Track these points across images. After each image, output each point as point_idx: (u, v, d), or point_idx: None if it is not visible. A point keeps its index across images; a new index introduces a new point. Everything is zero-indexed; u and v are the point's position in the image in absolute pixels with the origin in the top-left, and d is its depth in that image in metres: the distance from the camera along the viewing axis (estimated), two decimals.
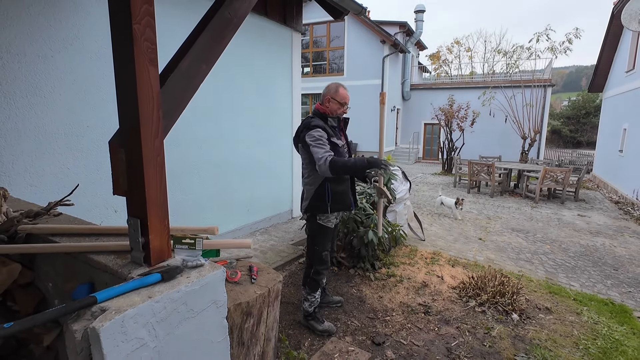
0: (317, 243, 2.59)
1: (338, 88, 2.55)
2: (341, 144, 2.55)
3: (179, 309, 1.06)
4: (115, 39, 1.13)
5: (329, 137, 2.43)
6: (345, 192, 2.59)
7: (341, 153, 2.53)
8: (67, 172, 2.79)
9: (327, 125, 2.50)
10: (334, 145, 2.47)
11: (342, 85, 2.60)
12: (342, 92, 2.56)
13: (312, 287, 2.62)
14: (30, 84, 2.53)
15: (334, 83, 2.59)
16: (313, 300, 2.65)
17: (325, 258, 2.61)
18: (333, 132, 2.51)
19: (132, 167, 1.17)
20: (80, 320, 0.92)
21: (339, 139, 2.56)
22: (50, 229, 1.55)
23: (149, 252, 1.19)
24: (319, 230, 2.57)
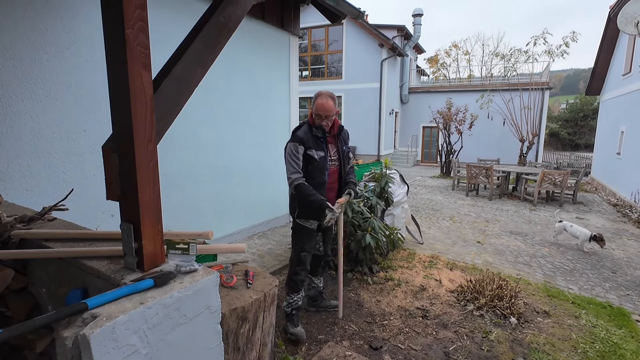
0: (296, 242, 2.62)
1: (316, 98, 2.46)
2: (319, 156, 2.46)
3: (172, 315, 1.05)
4: (108, 44, 1.13)
5: (306, 150, 2.42)
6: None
7: (316, 167, 2.46)
8: (62, 176, 2.78)
9: (311, 135, 2.46)
10: (309, 159, 2.43)
11: (324, 94, 2.46)
12: (318, 103, 2.44)
13: (290, 288, 2.63)
14: (26, 88, 2.53)
15: (319, 92, 2.49)
16: (291, 301, 2.62)
17: (303, 259, 2.59)
18: (315, 143, 2.45)
19: (125, 172, 1.16)
20: (71, 327, 0.91)
21: (321, 150, 2.47)
22: (44, 234, 1.54)
23: (142, 257, 1.18)
24: (298, 229, 2.60)
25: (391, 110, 16.07)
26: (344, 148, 2.65)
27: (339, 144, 2.62)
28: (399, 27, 15.98)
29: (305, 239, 2.60)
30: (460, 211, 7.18)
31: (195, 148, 3.96)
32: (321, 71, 16.54)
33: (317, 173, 2.48)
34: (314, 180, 2.47)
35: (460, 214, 6.96)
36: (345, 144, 2.70)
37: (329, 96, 2.45)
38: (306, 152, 2.43)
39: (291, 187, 2.44)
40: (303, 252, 2.59)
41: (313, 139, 2.46)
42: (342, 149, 2.64)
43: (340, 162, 2.63)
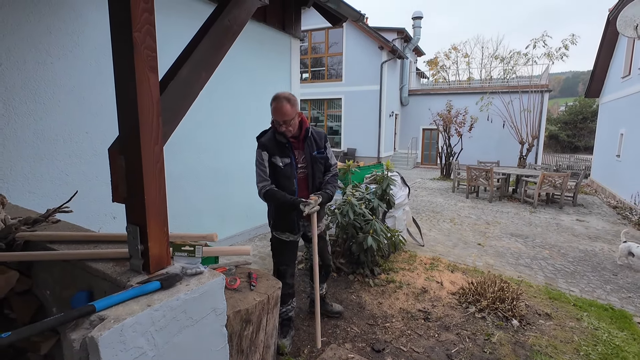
0: (274, 255, 2.55)
1: (271, 104, 2.22)
2: (284, 163, 2.30)
3: (178, 317, 1.05)
4: (116, 47, 1.13)
5: (271, 157, 2.30)
6: (285, 216, 2.40)
7: (281, 175, 2.32)
8: (65, 178, 2.78)
9: (275, 141, 2.31)
10: (273, 167, 2.31)
11: (279, 97, 2.20)
12: (272, 108, 2.21)
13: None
14: (30, 91, 2.54)
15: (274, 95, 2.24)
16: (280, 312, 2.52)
17: (283, 272, 2.48)
18: (279, 150, 2.30)
19: (132, 174, 1.17)
20: (78, 329, 0.91)
21: (285, 156, 2.31)
22: (48, 236, 1.54)
23: (148, 259, 1.18)
24: (274, 242, 2.53)
25: (391, 112, 16.11)
26: (314, 153, 2.40)
27: (306, 149, 2.38)
28: (398, 29, 16.04)
29: (283, 252, 2.50)
30: (460, 213, 7.19)
31: (197, 150, 3.97)
32: (321, 73, 16.59)
33: (284, 182, 2.33)
34: (283, 189, 2.35)
35: (460, 216, 6.97)
36: (318, 148, 2.43)
37: (284, 99, 2.18)
38: (270, 159, 2.30)
39: (260, 195, 2.33)
40: (282, 265, 2.50)
41: (277, 145, 2.30)
42: (312, 154, 2.39)
43: (309, 170, 2.40)
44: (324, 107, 16.69)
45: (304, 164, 2.40)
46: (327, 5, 4.43)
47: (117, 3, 1.10)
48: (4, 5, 2.37)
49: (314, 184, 2.43)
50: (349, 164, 4.16)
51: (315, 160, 2.41)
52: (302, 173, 2.41)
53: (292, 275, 2.58)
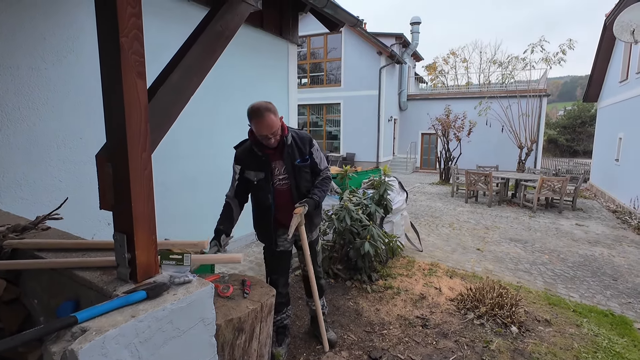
0: (266, 264, 2.50)
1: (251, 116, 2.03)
2: (257, 178, 2.19)
3: (164, 328, 1.03)
4: (102, 52, 1.12)
5: (243, 170, 2.21)
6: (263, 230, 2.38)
7: (257, 188, 2.22)
8: (58, 184, 2.76)
9: (251, 153, 2.19)
10: (246, 181, 2.22)
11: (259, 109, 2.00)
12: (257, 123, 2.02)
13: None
14: (23, 97, 2.52)
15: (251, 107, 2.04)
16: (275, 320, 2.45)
17: (274, 281, 2.42)
18: (254, 163, 2.19)
19: (119, 181, 1.15)
20: (59, 342, 0.89)
21: (260, 170, 2.19)
22: (37, 244, 1.52)
23: (135, 268, 1.16)
24: (264, 251, 2.48)
25: (390, 117, 16.14)
26: (297, 162, 2.24)
27: (286, 159, 2.21)
28: (397, 35, 16.13)
29: (273, 262, 2.45)
30: (459, 218, 7.16)
31: (193, 156, 3.95)
32: (320, 79, 16.64)
33: (260, 196, 2.25)
34: (259, 204, 2.30)
35: (459, 220, 6.94)
36: (302, 156, 2.26)
37: (266, 110, 2.00)
38: (243, 173, 2.22)
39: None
40: (273, 274, 2.45)
41: (253, 159, 2.18)
42: (295, 163, 2.23)
43: (292, 181, 2.25)
44: (323, 112, 16.73)
45: (285, 175, 2.24)
46: (324, 11, 4.44)
47: (103, 7, 1.08)
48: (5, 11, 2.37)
49: (299, 194, 2.28)
50: (346, 169, 4.14)
51: (298, 170, 2.25)
52: (285, 185, 2.26)
53: (285, 284, 2.51)
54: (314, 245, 2.56)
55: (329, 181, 2.45)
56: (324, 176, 2.40)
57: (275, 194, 2.25)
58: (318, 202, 2.29)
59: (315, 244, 2.57)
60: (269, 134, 2.04)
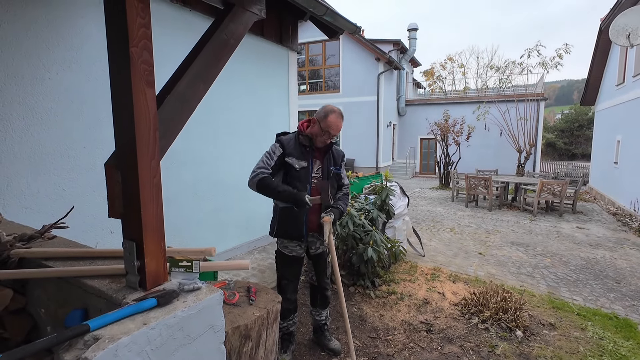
0: (277, 268, 2.50)
1: (328, 114, 2.24)
2: (300, 166, 2.27)
3: (175, 335, 1.03)
4: (112, 62, 1.13)
5: (286, 156, 2.25)
6: (296, 221, 2.31)
7: (296, 178, 2.26)
8: (62, 193, 2.76)
9: (297, 143, 2.29)
10: (288, 167, 2.26)
11: (338, 112, 2.26)
12: (331, 121, 2.22)
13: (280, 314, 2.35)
14: (27, 106, 2.54)
15: (329, 108, 2.27)
16: (280, 327, 2.42)
17: (284, 287, 2.43)
18: (298, 152, 2.28)
19: (128, 189, 1.15)
20: (72, 350, 0.89)
21: (303, 160, 2.28)
22: (43, 253, 1.52)
23: (145, 275, 1.16)
24: (278, 255, 2.48)
25: (389, 122, 16.20)
26: (331, 168, 2.40)
27: (325, 162, 2.38)
28: (394, 41, 16.25)
29: (286, 267, 2.45)
30: (460, 222, 7.16)
31: (195, 163, 3.96)
32: (319, 85, 16.73)
33: (298, 185, 2.26)
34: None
35: (460, 225, 6.94)
36: (336, 165, 2.44)
37: (341, 116, 2.28)
38: (286, 158, 2.25)
39: (252, 181, 2.18)
40: (284, 279, 2.45)
41: (297, 147, 2.28)
42: (329, 168, 2.39)
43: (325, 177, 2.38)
44: None
45: (317, 174, 2.36)
46: (324, 19, 4.48)
47: (113, 18, 1.10)
48: (3, 21, 2.39)
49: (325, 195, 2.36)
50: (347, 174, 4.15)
51: (330, 174, 2.40)
52: (316, 182, 2.35)
53: (294, 290, 2.51)
54: (324, 257, 2.57)
55: (349, 197, 2.60)
56: (345, 191, 2.55)
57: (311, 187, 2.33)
58: (342, 213, 2.42)
59: (325, 255, 2.57)
60: (334, 133, 2.27)
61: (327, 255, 2.57)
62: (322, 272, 2.57)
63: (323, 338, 2.70)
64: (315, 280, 2.63)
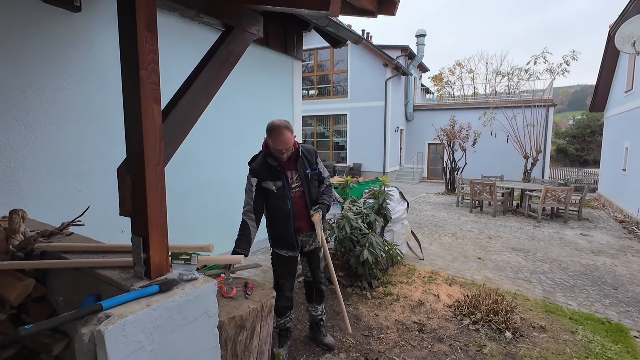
0: (273, 269, 2.68)
1: (270, 135, 2.29)
2: (277, 187, 2.40)
3: (174, 317, 1.20)
4: (125, 82, 1.32)
5: (261, 181, 2.41)
6: (283, 235, 2.53)
7: (276, 198, 2.42)
8: (78, 194, 2.98)
9: (266, 165, 2.41)
10: (266, 191, 2.42)
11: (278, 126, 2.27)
12: (276, 139, 2.27)
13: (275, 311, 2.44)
14: (48, 114, 2.77)
15: (269, 126, 2.31)
16: (277, 323, 2.64)
17: (281, 286, 2.59)
18: (270, 174, 2.41)
19: (137, 192, 1.33)
20: (87, 325, 1.06)
21: (277, 180, 2.41)
22: (63, 247, 1.71)
23: (150, 267, 1.33)
24: (274, 257, 2.66)
25: (396, 127, 16.30)
26: (307, 171, 2.51)
27: (299, 168, 2.48)
28: (402, 47, 16.40)
29: (282, 266, 2.63)
30: (463, 227, 7.23)
31: (200, 167, 4.16)
32: (327, 90, 16.96)
33: (279, 203, 2.43)
34: (278, 211, 2.46)
35: (462, 230, 7.01)
36: (310, 165, 2.53)
37: (285, 128, 2.27)
38: (261, 184, 2.41)
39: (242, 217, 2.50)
40: (281, 278, 2.62)
41: (268, 170, 2.40)
42: (305, 172, 2.50)
43: (305, 188, 2.50)
44: (330, 123, 16.99)
45: (298, 183, 2.49)
46: (327, 30, 4.67)
47: (126, 45, 1.29)
48: (28, 36, 2.63)
49: (310, 199, 2.55)
50: (347, 179, 4.30)
51: (310, 178, 2.53)
52: (298, 191, 2.50)
53: (291, 288, 2.69)
54: (317, 252, 2.73)
55: (331, 188, 2.73)
56: (327, 184, 2.68)
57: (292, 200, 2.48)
58: (328, 206, 2.60)
59: (318, 251, 2.73)
60: (284, 149, 2.31)
61: (320, 251, 2.73)
62: (315, 267, 2.73)
63: (318, 334, 2.84)
64: (309, 276, 2.78)
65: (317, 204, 2.56)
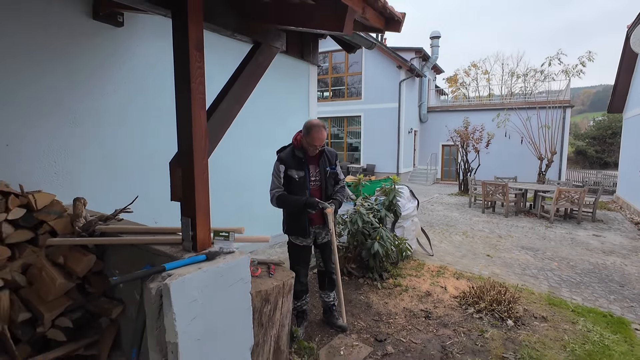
0: (290, 257, 2.96)
1: (310, 129, 2.63)
2: (299, 176, 2.71)
3: (218, 280, 1.50)
4: (178, 93, 1.64)
5: (287, 169, 2.71)
6: (298, 220, 2.78)
7: (296, 186, 2.71)
8: (119, 188, 3.34)
9: (293, 156, 2.72)
10: (289, 179, 2.72)
11: (317, 125, 2.63)
12: (314, 136, 2.61)
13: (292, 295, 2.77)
14: (96, 118, 3.14)
15: (309, 124, 2.66)
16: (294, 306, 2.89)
17: (296, 272, 2.74)
18: (295, 164, 2.72)
19: (186, 181, 1.64)
20: (154, 281, 1.37)
21: (300, 170, 2.72)
22: (118, 229, 2.05)
23: (196, 242, 1.64)
24: (289, 245, 2.94)
25: (410, 129, 16.43)
26: (327, 169, 2.84)
27: (321, 165, 2.81)
28: (416, 49, 16.53)
29: (297, 255, 2.89)
30: (474, 227, 7.37)
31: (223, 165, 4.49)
32: (341, 92, 17.23)
33: (298, 192, 2.72)
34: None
35: (473, 229, 7.15)
36: (330, 165, 2.87)
37: (323, 127, 2.66)
38: (287, 171, 2.71)
39: (272, 200, 2.73)
40: (296, 265, 2.87)
41: (294, 160, 2.72)
42: (325, 169, 2.83)
43: (322, 183, 2.82)
44: (344, 125, 17.26)
45: (317, 177, 2.83)
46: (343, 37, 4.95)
47: (179, 63, 1.60)
48: (80, 50, 2.99)
49: (326, 194, 2.87)
50: (359, 177, 4.57)
51: (328, 175, 2.86)
52: (316, 185, 2.83)
53: (306, 275, 2.99)
54: (329, 245, 3.02)
55: (345, 189, 3.07)
56: (341, 185, 3.02)
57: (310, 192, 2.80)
58: (340, 203, 2.93)
59: (330, 244, 3.01)
60: (319, 145, 2.68)
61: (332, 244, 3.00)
62: (327, 259, 3.03)
63: (331, 317, 3.13)
64: (322, 266, 3.08)
65: (331, 199, 2.88)
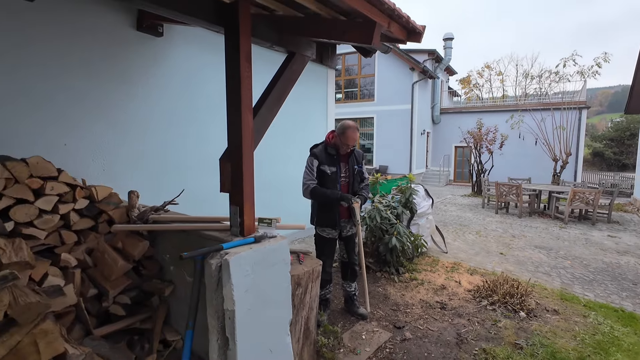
0: (316, 248, 3.18)
1: (346, 129, 2.90)
2: (331, 171, 2.94)
3: (264, 259, 1.74)
4: (229, 97, 1.89)
5: (320, 165, 2.93)
6: (330, 211, 3.00)
7: (328, 180, 2.94)
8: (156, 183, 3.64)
9: (326, 153, 2.96)
10: (322, 173, 2.94)
11: (352, 127, 2.91)
12: (348, 135, 2.89)
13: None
14: (136, 120, 3.43)
15: (345, 124, 2.92)
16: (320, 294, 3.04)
17: (322, 262, 2.96)
18: (328, 160, 2.95)
19: (235, 173, 1.89)
20: (214, 258, 1.62)
21: (332, 166, 2.96)
22: (169, 217, 2.31)
23: (243, 228, 1.89)
24: (317, 237, 3.16)
25: (423, 130, 16.52)
26: (355, 167, 3.11)
27: (350, 163, 3.09)
28: (429, 51, 16.62)
29: (324, 246, 3.10)
30: (487, 227, 7.47)
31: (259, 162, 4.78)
32: (354, 94, 17.43)
33: (329, 185, 2.95)
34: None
35: (487, 229, 7.26)
36: (358, 164, 3.14)
37: (356, 129, 2.94)
38: (320, 166, 2.94)
39: (307, 191, 2.92)
40: (322, 256, 3.06)
41: (327, 157, 2.96)
42: (353, 167, 3.10)
43: (350, 179, 3.09)
44: None
45: (345, 174, 3.09)
46: None
47: (230, 74, 1.85)
48: (123, 58, 3.29)
49: (352, 190, 3.13)
50: (377, 176, 4.78)
51: (355, 173, 3.12)
52: (345, 181, 3.10)
53: (330, 265, 3.21)
54: (353, 238, 3.25)
55: (369, 187, 3.34)
56: (366, 183, 3.28)
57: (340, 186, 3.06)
58: (366, 199, 3.18)
59: (354, 237, 3.25)
60: (352, 144, 2.96)
61: (355, 237, 3.24)
62: (351, 251, 3.26)
63: (352, 306, 3.35)
64: (345, 257, 3.30)
65: (357, 194, 3.13)
